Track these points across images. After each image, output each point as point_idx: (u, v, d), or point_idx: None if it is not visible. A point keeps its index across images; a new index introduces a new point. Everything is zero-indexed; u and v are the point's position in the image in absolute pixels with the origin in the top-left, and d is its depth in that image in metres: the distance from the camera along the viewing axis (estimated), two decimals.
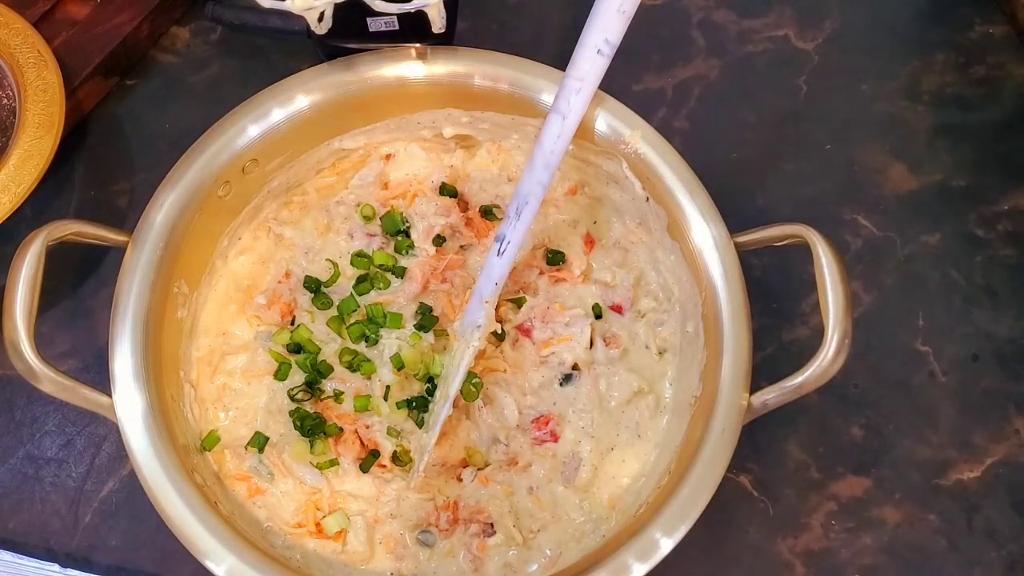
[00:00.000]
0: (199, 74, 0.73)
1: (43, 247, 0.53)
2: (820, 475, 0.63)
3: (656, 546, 0.52)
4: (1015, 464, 0.64)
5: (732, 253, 0.58)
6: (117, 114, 0.72)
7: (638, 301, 0.64)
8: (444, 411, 0.58)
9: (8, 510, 0.62)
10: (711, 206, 0.59)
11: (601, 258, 0.65)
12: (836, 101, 0.74)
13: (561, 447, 0.61)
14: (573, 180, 0.66)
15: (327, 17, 0.62)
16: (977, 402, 0.65)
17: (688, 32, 0.76)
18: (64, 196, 0.69)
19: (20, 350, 0.52)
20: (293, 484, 0.59)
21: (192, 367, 0.61)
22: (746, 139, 0.72)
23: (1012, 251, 0.69)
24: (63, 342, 0.65)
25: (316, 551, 0.57)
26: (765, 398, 0.55)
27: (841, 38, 0.76)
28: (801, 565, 0.61)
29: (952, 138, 0.72)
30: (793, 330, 0.67)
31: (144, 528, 0.60)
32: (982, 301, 0.68)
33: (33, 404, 0.64)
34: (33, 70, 0.66)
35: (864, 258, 0.69)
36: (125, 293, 0.57)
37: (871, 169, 0.71)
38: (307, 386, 0.61)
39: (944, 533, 0.62)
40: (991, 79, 0.74)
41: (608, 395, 0.62)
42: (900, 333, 0.67)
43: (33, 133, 0.64)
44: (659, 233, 0.62)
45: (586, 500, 0.59)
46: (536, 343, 0.62)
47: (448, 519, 0.58)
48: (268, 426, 0.60)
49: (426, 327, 0.62)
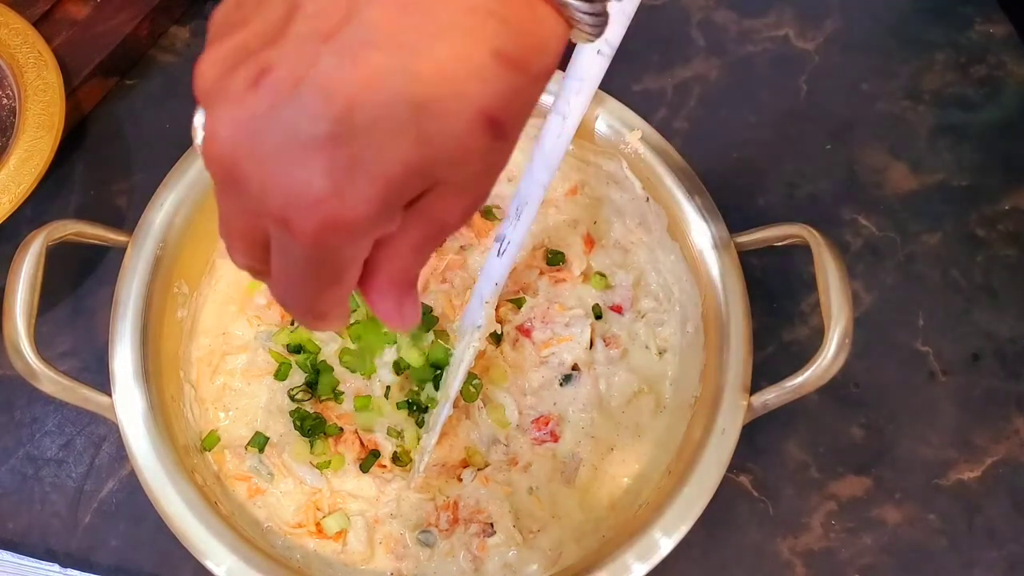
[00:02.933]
0: None
1: (43, 247, 0.53)
2: (820, 475, 0.63)
3: (656, 546, 0.52)
4: (1015, 464, 0.64)
5: (732, 253, 0.58)
6: (117, 114, 0.72)
7: (638, 301, 0.64)
8: (444, 411, 0.58)
9: (8, 510, 0.62)
10: (711, 206, 0.59)
11: (601, 258, 0.65)
12: (836, 101, 0.74)
13: (561, 447, 0.61)
14: (573, 180, 0.66)
15: None
16: (977, 402, 0.65)
17: (688, 32, 0.76)
18: (64, 196, 0.69)
19: (20, 350, 0.52)
20: (293, 484, 0.59)
21: (192, 367, 0.61)
22: (746, 139, 0.72)
23: (1013, 251, 0.69)
24: (63, 342, 0.65)
25: (316, 551, 0.57)
26: (765, 398, 0.55)
27: (841, 38, 0.76)
28: (801, 565, 0.61)
29: (953, 138, 0.72)
30: (793, 330, 0.67)
31: (144, 528, 0.60)
32: (983, 301, 0.68)
33: (33, 404, 0.64)
34: (33, 70, 0.66)
35: (864, 258, 0.69)
36: (125, 293, 0.57)
37: (871, 169, 0.71)
38: (307, 386, 0.61)
39: (944, 533, 0.62)
40: (992, 79, 0.74)
41: (608, 395, 0.62)
42: (900, 333, 0.67)
43: (33, 133, 0.64)
44: (659, 233, 0.62)
45: (586, 500, 0.59)
46: (536, 343, 0.62)
47: (448, 519, 0.58)
48: (268, 426, 0.60)
49: (426, 327, 0.62)
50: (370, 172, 0.27)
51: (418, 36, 0.27)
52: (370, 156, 0.27)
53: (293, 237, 0.28)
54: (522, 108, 0.29)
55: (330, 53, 0.26)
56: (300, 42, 0.27)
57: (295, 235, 0.27)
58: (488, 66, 0.27)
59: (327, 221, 0.27)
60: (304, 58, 0.26)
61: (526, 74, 0.28)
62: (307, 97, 0.26)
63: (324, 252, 0.28)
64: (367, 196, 0.27)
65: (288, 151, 0.26)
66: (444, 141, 0.27)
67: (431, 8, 0.27)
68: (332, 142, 0.26)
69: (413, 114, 0.27)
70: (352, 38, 0.26)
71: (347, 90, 0.26)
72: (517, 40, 0.28)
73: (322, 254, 0.28)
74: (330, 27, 0.27)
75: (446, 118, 0.27)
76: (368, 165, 0.27)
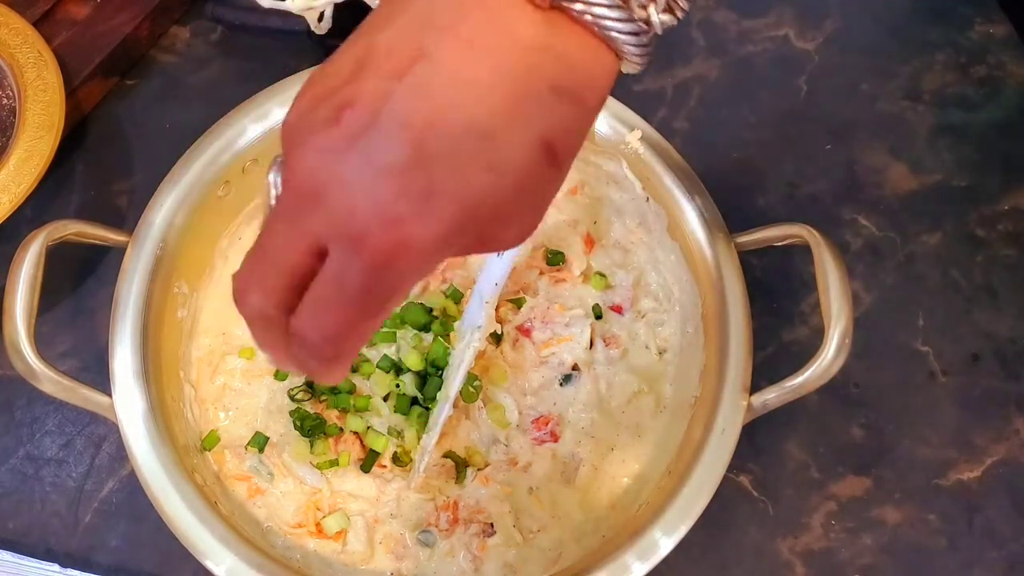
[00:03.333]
0: (199, 74, 0.73)
1: (43, 247, 0.53)
2: (820, 475, 0.63)
3: (656, 546, 0.52)
4: (1015, 464, 0.64)
5: (732, 253, 0.58)
6: (117, 114, 0.72)
7: (638, 301, 0.64)
8: (444, 411, 0.58)
9: (8, 510, 0.62)
10: (711, 206, 0.59)
11: (601, 258, 0.65)
12: (836, 101, 0.74)
13: (561, 447, 0.61)
14: (573, 180, 0.66)
15: (327, 17, 0.62)
16: (977, 402, 0.65)
17: (688, 32, 0.76)
18: (64, 196, 0.69)
19: (20, 350, 0.52)
20: (293, 484, 0.59)
21: (192, 367, 0.61)
22: (746, 139, 0.72)
23: (1012, 251, 0.69)
24: (63, 342, 0.65)
25: (316, 551, 0.57)
26: (765, 398, 0.55)
27: (841, 38, 0.76)
28: (801, 565, 0.61)
29: (953, 138, 0.72)
30: (793, 330, 0.67)
31: (144, 528, 0.60)
32: (982, 301, 0.68)
33: (33, 404, 0.64)
34: (33, 70, 0.66)
35: (864, 258, 0.69)
36: (125, 293, 0.57)
37: (871, 169, 0.71)
38: (307, 386, 0.61)
39: (944, 533, 0.62)
40: (992, 79, 0.74)
41: (608, 395, 0.62)
42: (900, 333, 0.67)
43: (33, 133, 0.64)
44: (659, 233, 0.62)
45: (586, 500, 0.59)
46: (536, 343, 0.62)
47: (448, 519, 0.58)
48: (268, 426, 0.60)
49: (426, 328, 0.62)
50: (446, 195, 0.29)
51: (484, 72, 0.29)
52: (445, 181, 0.29)
53: (363, 256, 0.29)
54: (577, 138, 0.32)
55: (405, 88, 0.29)
56: (377, 79, 0.29)
57: (367, 253, 0.29)
58: (547, 100, 0.30)
59: (403, 241, 0.29)
60: (381, 93, 0.29)
61: (582, 106, 0.31)
62: (386, 127, 0.29)
63: (388, 273, 0.30)
64: (441, 219, 0.29)
65: (371, 175, 0.29)
66: (508, 169, 0.30)
67: (495, 47, 0.30)
68: (410, 168, 0.29)
69: (481, 143, 0.29)
70: (424, 75, 0.29)
71: (422, 121, 0.29)
72: (572, 75, 0.31)
73: (384, 275, 0.30)
74: (403, 65, 0.29)
75: (510, 147, 0.30)
76: (443, 190, 0.29)
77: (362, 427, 0.59)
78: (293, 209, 0.30)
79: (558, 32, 0.31)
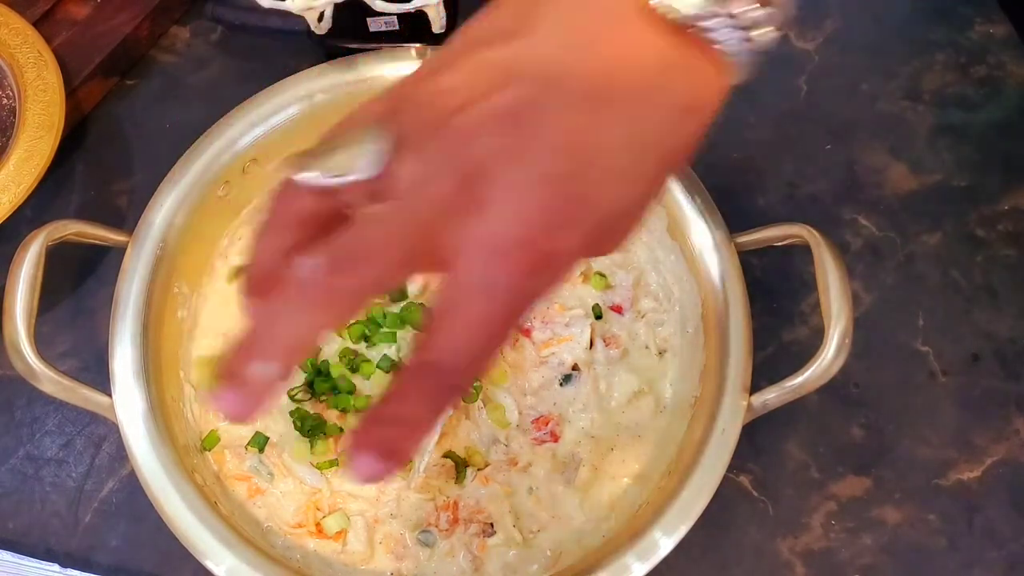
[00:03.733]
0: (199, 74, 0.73)
1: (43, 247, 0.53)
2: (820, 475, 0.63)
3: (656, 546, 0.52)
4: (1015, 464, 0.64)
5: (732, 253, 0.58)
6: (117, 114, 0.72)
7: (638, 301, 0.64)
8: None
9: (8, 510, 0.62)
10: (711, 206, 0.59)
11: (601, 258, 0.65)
12: (836, 101, 0.74)
13: (561, 447, 0.61)
14: None
15: (327, 17, 0.62)
16: (977, 402, 0.65)
17: None
18: (64, 196, 0.69)
19: (20, 350, 0.52)
20: (293, 484, 0.59)
21: (192, 367, 0.61)
22: (746, 139, 0.72)
23: (1013, 251, 0.69)
24: (63, 342, 0.65)
25: (316, 551, 0.57)
26: (765, 398, 0.55)
27: (841, 38, 0.76)
28: (801, 565, 0.61)
29: (953, 138, 0.72)
30: (793, 330, 0.67)
31: (144, 528, 0.60)
32: (982, 301, 0.68)
33: (33, 404, 0.64)
34: (33, 70, 0.66)
35: (864, 258, 0.69)
36: (125, 293, 0.57)
37: (871, 169, 0.71)
38: (307, 386, 0.61)
39: (944, 533, 0.62)
40: (992, 79, 0.74)
41: (608, 395, 0.62)
42: (900, 333, 0.67)
43: (33, 133, 0.64)
44: (659, 233, 0.62)
45: (586, 500, 0.59)
46: (536, 343, 0.62)
47: (448, 519, 0.58)
48: (268, 426, 0.60)
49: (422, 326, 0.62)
50: (592, 207, 0.30)
51: (632, 92, 0.31)
52: (594, 194, 0.30)
53: (512, 265, 0.29)
54: (695, 147, 0.33)
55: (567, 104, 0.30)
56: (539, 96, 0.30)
57: (518, 262, 0.29)
58: (679, 118, 0.32)
59: (553, 249, 0.30)
60: (542, 110, 0.30)
61: (705, 119, 0.33)
62: (548, 137, 0.29)
63: (531, 284, 0.30)
64: (585, 231, 0.30)
65: (529, 183, 0.29)
66: (643, 181, 0.32)
67: (641, 70, 0.31)
68: (568, 178, 0.29)
69: (633, 158, 0.31)
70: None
71: (581, 137, 0.30)
72: (699, 93, 0.32)
73: (528, 286, 0.30)
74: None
75: (651, 163, 0.31)
76: (592, 202, 0.30)
77: None
78: (441, 200, 0.29)
79: (686, 49, 0.31)
